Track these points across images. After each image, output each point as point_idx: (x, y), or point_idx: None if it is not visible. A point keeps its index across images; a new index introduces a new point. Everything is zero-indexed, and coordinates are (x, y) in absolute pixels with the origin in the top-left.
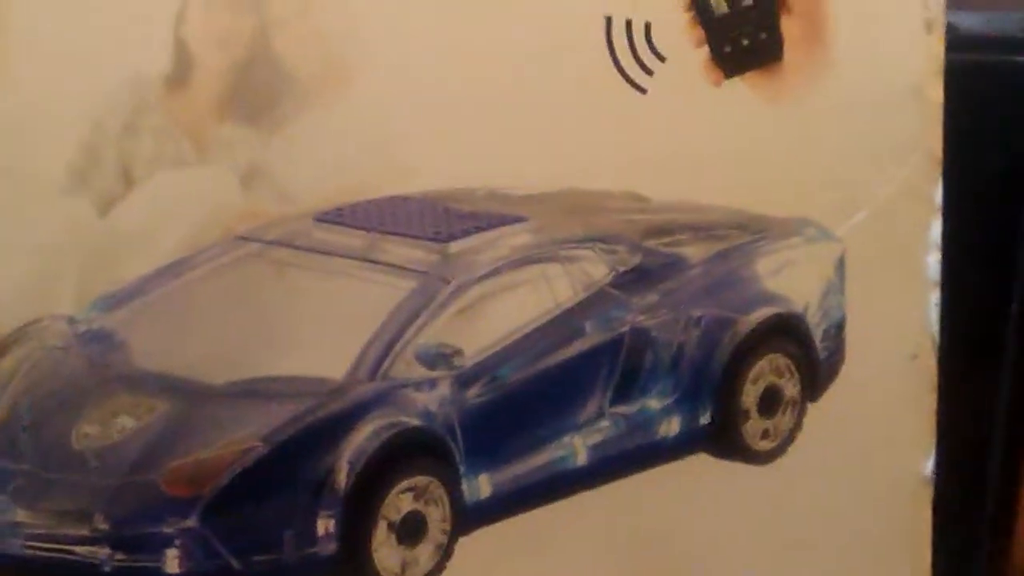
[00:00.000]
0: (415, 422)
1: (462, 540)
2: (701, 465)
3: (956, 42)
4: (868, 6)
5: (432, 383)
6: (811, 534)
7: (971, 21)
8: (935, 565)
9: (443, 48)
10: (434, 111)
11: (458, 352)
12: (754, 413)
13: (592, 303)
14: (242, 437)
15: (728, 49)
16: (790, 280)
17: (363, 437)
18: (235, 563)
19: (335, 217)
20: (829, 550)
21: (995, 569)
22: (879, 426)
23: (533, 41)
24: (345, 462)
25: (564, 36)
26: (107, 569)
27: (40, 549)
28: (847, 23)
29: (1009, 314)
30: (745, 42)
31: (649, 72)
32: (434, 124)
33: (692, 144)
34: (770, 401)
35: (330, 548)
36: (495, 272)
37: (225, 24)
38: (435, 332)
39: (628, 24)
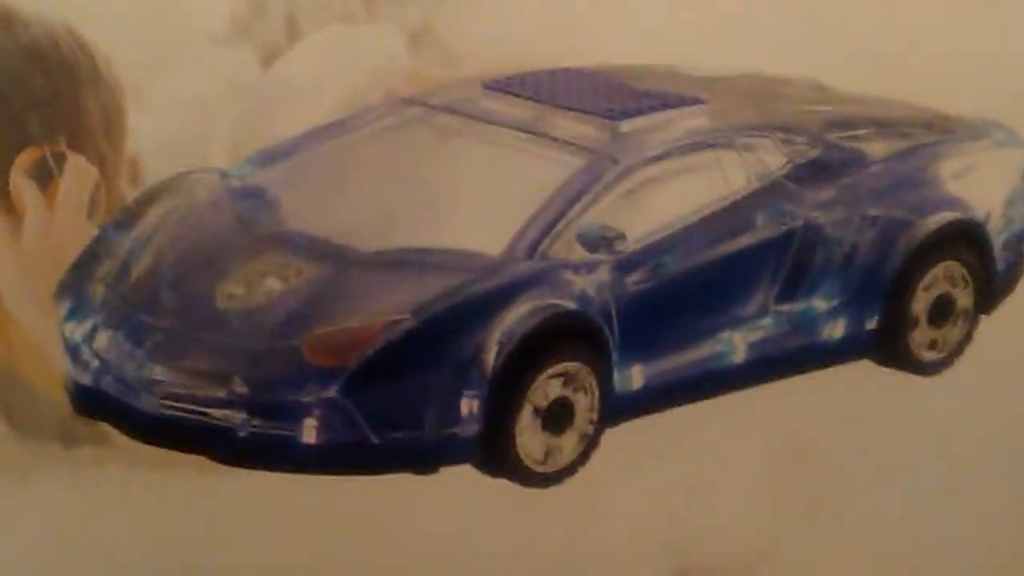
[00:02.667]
0: (571, 305)
1: (608, 431)
2: (864, 371)
3: None
4: None
5: (591, 266)
6: (972, 453)
7: None
8: None
9: None
10: None
11: (621, 236)
12: (923, 321)
13: (766, 194)
14: (391, 308)
15: None
16: (973, 185)
17: (516, 317)
18: (373, 437)
19: (504, 85)
20: (988, 473)
21: None
22: None
23: None
24: (495, 342)
25: None
26: (242, 434)
27: (175, 409)
28: None
29: None
30: None
31: None
32: None
33: (879, 33)
34: (941, 310)
35: (472, 429)
36: (667, 155)
37: None
38: (599, 213)
39: None
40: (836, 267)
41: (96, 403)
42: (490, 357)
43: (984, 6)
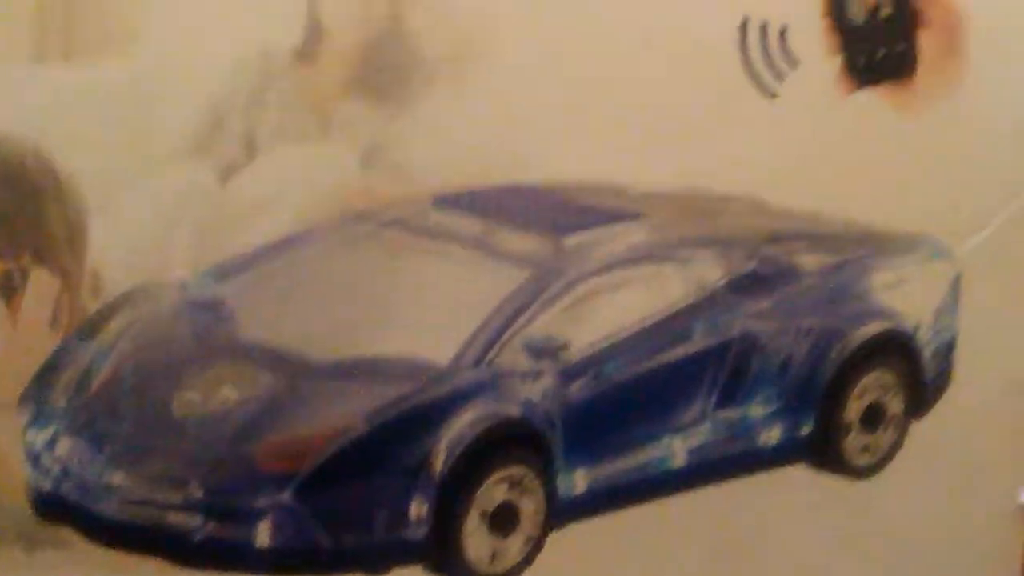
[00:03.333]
0: (516, 412)
1: (553, 535)
2: (798, 476)
3: None
4: (1006, 23)
5: (536, 374)
6: (902, 553)
7: None
8: None
9: (575, 39)
10: (561, 101)
11: (565, 345)
12: (856, 427)
13: (704, 305)
14: (343, 416)
15: (863, 59)
16: (904, 296)
17: (463, 424)
18: (325, 541)
19: (453, 202)
20: (919, 569)
21: None
22: (980, 450)
23: (666, 37)
24: (443, 448)
25: (697, 35)
26: (198, 537)
27: (134, 513)
28: (983, 40)
29: None
30: (881, 53)
31: (780, 77)
32: (559, 114)
33: (817, 152)
34: (873, 417)
35: (421, 532)
36: (609, 268)
37: (359, 2)
38: (544, 324)
39: (764, 26)
40: (772, 375)
41: (57, 508)
42: (438, 463)
43: (912, 129)
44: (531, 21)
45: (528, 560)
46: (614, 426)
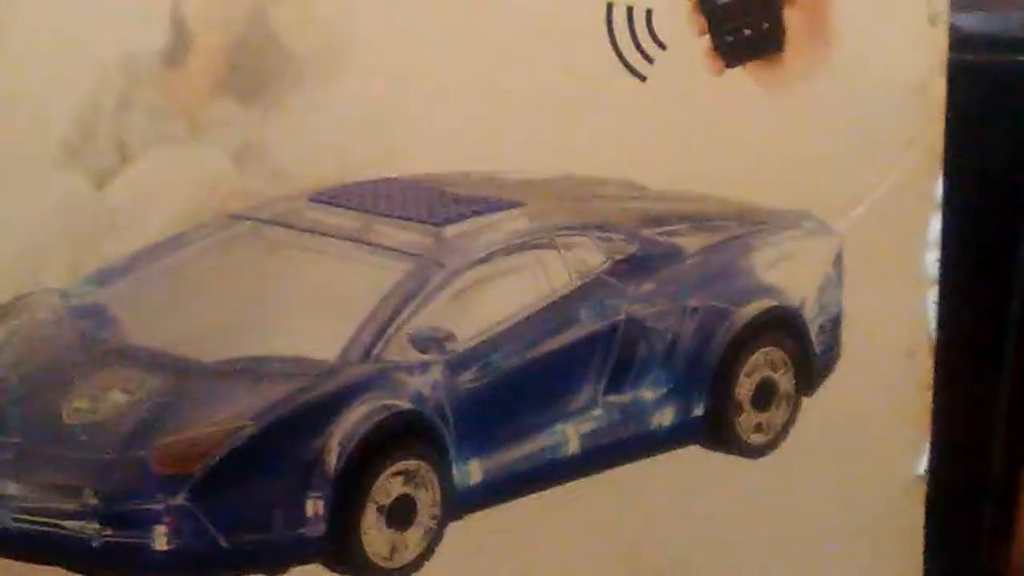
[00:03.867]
0: (406, 405)
1: (452, 525)
2: (693, 457)
3: (956, 42)
4: None
5: (424, 367)
6: (802, 529)
7: (971, 21)
8: (935, 565)
9: (440, 30)
10: (430, 93)
11: (451, 336)
12: (748, 406)
13: (587, 291)
14: (232, 416)
15: (730, 38)
16: (787, 273)
17: (354, 419)
18: (223, 541)
19: (329, 197)
20: (819, 546)
21: (995, 569)
22: (873, 423)
23: (532, 25)
24: (336, 444)
25: (564, 21)
26: (95, 544)
27: (28, 522)
28: (850, 15)
29: (1008, 312)
30: (747, 31)
31: (649, 60)
32: (430, 107)
33: (691, 133)
34: (764, 394)
35: (319, 529)
36: (490, 257)
37: (222, 2)
38: (429, 316)
39: (630, 10)
40: (661, 358)
41: None
42: (332, 459)
43: (783, 106)
44: (397, 14)
45: (428, 552)
46: (505, 415)
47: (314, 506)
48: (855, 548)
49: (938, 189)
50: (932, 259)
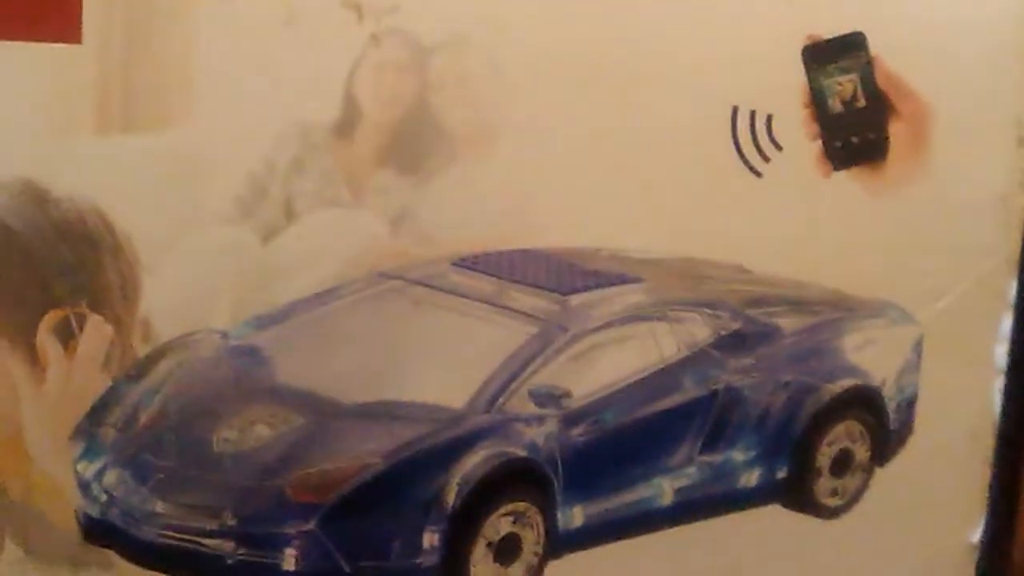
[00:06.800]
0: (522, 453)
1: (552, 563)
2: (774, 515)
3: None
4: (969, 118)
5: (541, 419)
6: None
7: None
8: None
9: (582, 121)
10: (568, 176)
11: (567, 394)
12: (826, 472)
13: (693, 361)
14: (365, 453)
15: (839, 144)
16: (871, 356)
17: (474, 463)
18: (346, 566)
19: (470, 263)
20: None
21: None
22: (936, 494)
23: (665, 120)
24: (455, 484)
25: (692, 120)
26: (230, 561)
27: (172, 538)
28: (948, 131)
29: None
30: (855, 140)
31: (766, 159)
32: (567, 188)
33: (797, 226)
34: (842, 463)
35: (432, 560)
36: (608, 325)
37: (391, 84)
38: (549, 374)
39: (752, 114)
40: (752, 424)
41: (102, 532)
42: (451, 497)
43: (881, 208)
44: (543, 107)
45: None
46: (610, 467)
47: (430, 538)
48: None
49: (1011, 291)
50: (1002, 352)
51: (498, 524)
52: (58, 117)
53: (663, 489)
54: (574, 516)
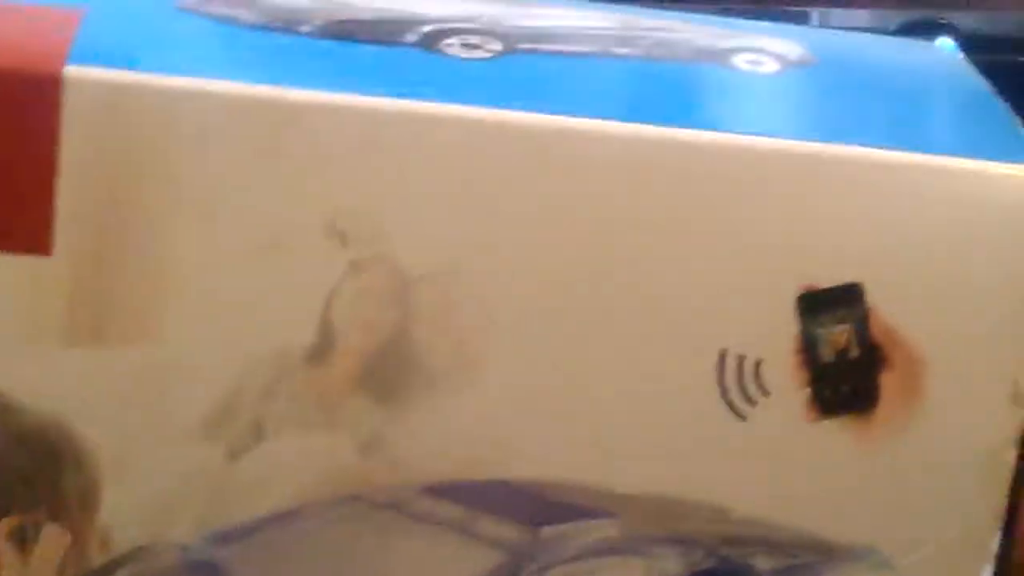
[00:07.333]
0: None
1: None
2: None
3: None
4: (963, 374)
5: None
6: None
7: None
8: None
9: (565, 359)
10: (546, 411)
11: None
12: None
13: None
14: None
15: (828, 393)
16: None
17: None
18: None
19: (440, 491)
20: None
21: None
22: None
23: (647, 360)
24: None
25: (676, 362)
26: None
27: None
28: (941, 386)
29: None
30: (845, 388)
31: (752, 403)
32: (545, 422)
33: (779, 470)
34: None
35: None
36: (579, 557)
37: (371, 313)
38: None
39: (741, 359)
40: None
41: None
42: None
43: (867, 456)
44: (525, 343)
45: None
46: None
47: None
48: None
49: (994, 544)
50: None
51: None
52: (25, 327)
53: None
54: None
